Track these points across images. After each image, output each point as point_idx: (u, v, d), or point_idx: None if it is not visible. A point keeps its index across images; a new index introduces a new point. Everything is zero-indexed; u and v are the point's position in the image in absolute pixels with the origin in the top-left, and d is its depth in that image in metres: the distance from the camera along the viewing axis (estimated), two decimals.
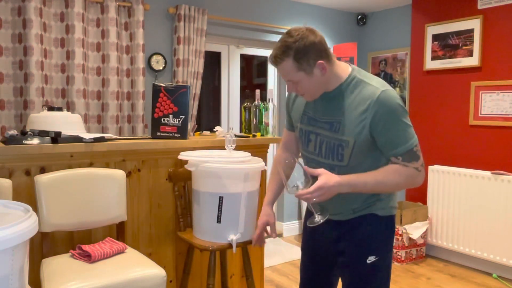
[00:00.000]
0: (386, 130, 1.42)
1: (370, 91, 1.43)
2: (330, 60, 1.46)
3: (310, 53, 1.40)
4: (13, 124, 2.98)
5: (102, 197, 2.07)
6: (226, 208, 1.99)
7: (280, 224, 4.58)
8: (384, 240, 1.58)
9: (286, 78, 1.48)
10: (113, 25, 3.24)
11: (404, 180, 1.45)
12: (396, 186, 1.47)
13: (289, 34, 1.42)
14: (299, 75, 1.44)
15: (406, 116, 1.45)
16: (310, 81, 1.45)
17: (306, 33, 1.41)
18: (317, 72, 1.44)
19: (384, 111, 1.41)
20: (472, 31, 3.67)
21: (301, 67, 1.42)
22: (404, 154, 1.44)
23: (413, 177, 1.46)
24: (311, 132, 1.58)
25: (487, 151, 3.62)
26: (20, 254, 1.13)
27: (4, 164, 1.97)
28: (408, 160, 1.44)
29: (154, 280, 1.79)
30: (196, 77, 3.68)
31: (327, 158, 1.54)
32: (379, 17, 4.76)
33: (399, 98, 1.44)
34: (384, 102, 1.41)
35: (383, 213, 1.57)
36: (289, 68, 1.43)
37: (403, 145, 1.43)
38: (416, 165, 1.45)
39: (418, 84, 4.12)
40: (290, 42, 1.40)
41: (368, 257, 1.54)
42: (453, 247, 3.70)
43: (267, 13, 4.23)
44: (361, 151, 1.48)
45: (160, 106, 2.41)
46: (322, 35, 1.46)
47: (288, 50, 1.40)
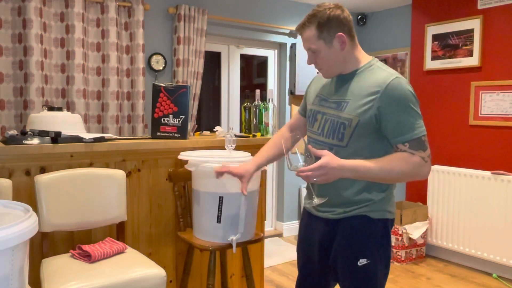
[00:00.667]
0: (396, 115, 1.43)
1: (383, 76, 1.46)
2: (352, 38, 1.52)
3: (332, 23, 1.47)
4: (13, 124, 2.98)
5: (102, 197, 2.07)
6: (226, 208, 1.99)
7: (280, 224, 4.58)
8: (377, 243, 1.53)
9: (307, 46, 1.52)
10: (113, 25, 3.24)
11: (410, 169, 1.43)
12: (401, 175, 1.44)
13: (319, 5, 1.50)
14: (318, 44, 1.49)
15: (417, 105, 1.46)
16: (328, 53, 1.49)
17: (334, 6, 1.50)
18: (336, 45, 1.48)
19: (395, 96, 1.42)
20: (472, 31, 3.67)
21: (321, 35, 1.47)
22: (411, 141, 1.43)
23: (420, 166, 1.43)
24: (318, 112, 1.60)
25: (487, 151, 3.62)
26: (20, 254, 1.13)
27: (4, 164, 1.97)
28: (415, 148, 1.43)
29: (154, 280, 1.79)
30: (196, 77, 3.68)
31: (327, 137, 1.54)
32: (379, 17, 4.76)
33: (412, 88, 1.46)
34: (396, 87, 1.43)
35: (376, 216, 1.53)
36: (310, 35, 1.49)
37: (411, 131, 1.43)
38: (423, 154, 1.44)
39: (418, 84, 4.12)
40: (317, 10, 1.49)
41: (359, 259, 1.51)
42: (453, 247, 3.70)
43: (267, 13, 4.23)
44: (362, 134, 1.47)
45: (160, 106, 2.41)
46: (350, 15, 1.52)
47: (313, 18, 1.48)
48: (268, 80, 4.54)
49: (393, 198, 1.60)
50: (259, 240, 2.15)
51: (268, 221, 4.63)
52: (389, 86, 1.43)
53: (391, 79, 1.44)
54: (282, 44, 4.45)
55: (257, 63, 4.57)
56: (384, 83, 1.44)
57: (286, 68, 4.45)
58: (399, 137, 1.44)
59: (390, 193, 1.58)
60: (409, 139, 1.43)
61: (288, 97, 4.49)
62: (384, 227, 1.55)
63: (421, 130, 1.45)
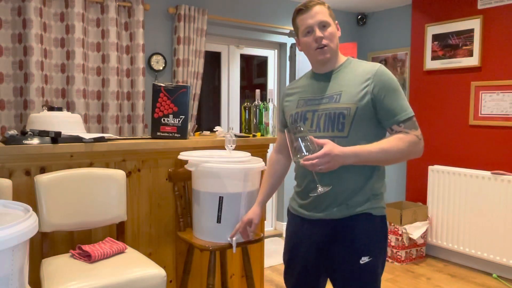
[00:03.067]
0: (389, 97, 1.51)
1: (370, 65, 1.56)
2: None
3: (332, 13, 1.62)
4: (13, 124, 2.98)
5: (102, 197, 2.07)
6: (226, 208, 1.99)
7: (280, 224, 4.58)
8: (378, 240, 1.56)
9: (320, 18, 1.56)
10: (113, 25, 3.24)
11: (407, 147, 1.49)
12: (400, 153, 1.49)
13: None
14: (329, 20, 1.58)
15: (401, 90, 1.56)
16: (334, 30, 1.58)
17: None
18: (334, 29, 1.59)
19: (386, 80, 1.52)
20: (472, 31, 3.67)
21: (331, 15, 1.60)
22: (405, 120, 1.51)
23: (415, 143, 1.51)
24: (307, 111, 1.61)
25: (487, 151, 3.62)
26: (20, 254, 1.13)
27: (4, 164, 1.97)
28: (409, 127, 1.51)
29: (154, 280, 1.79)
30: (196, 77, 3.68)
31: (326, 131, 1.54)
32: (379, 17, 4.76)
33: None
34: (385, 72, 1.53)
35: (377, 213, 1.56)
36: (323, 10, 1.58)
37: (404, 111, 1.51)
38: (417, 133, 1.52)
39: (418, 84, 4.12)
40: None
41: (361, 257, 1.52)
42: (453, 247, 3.70)
43: (267, 13, 4.23)
44: (362, 120, 1.51)
45: (160, 106, 2.41)
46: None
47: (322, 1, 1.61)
48: (268, 80, 4.54)
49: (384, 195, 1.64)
50: (259, 240, 2.15)
51: (268, 221, 4.63)
52: (379, 72, 1.53)
53: (378, 66, 1.55)
54: (282, 44, 4.45)
55: (257, 63, 4.57)
56: (373, 69, 1.53)
57: (286, 68, 4.45)
58: (394, 117, 1.51)
59: (384, 189, 1.62)
60: (404, 119, 1.51)
61: None
62: (382, 223, 1.58)
63: (411, 111, 1.54)
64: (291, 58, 4.42)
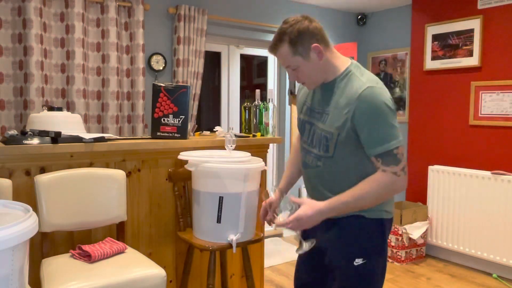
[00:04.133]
0: (367, 127, 1.40)
1: (357, 86, 1.43)
2: (327, 46, 1.49)
3: (305, 36, 1.43)
4: (13, 124, 2.98)
5: (102, 197, 2.07)
6: (226, 208, 1.99)
7: None
8: (373, 243, 1.54)
9: (285, 64, 1.50)
10: (113, 25, 3.24)
11: (382, 189, 1.41)
12: (377, 197, 1.42)
13: (285, 21, 1.48)
14: (296, 60, 1.46)
15: (392, 116, 1.41)
16: (308, 67, 1.48)
17: (300, 19, 1.46)
18: (314, 56, 1.46)
19: (366, 107, 1.39)
20: (472, 31, 3.67)
21: (296, 51, 1.45)
22: (383, 154, 1.40)
23: (392, 183, 1.41)
24: (307, 121, 1.60)
25: (487, 151, 3.62)
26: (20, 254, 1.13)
27: (4, 164, 1.97)
28: (386, 163, 1.40)
29: (154, 280, 1.79)
30: (196, 77, 3.68)
31: (316, 148, 1.55)
32: (379, 17, 4.76)
33: (387, 97, 1.41)
34: (367, 98, 1.39)
35: (371, 215, 1.52)
36: (285, 53, 1.46)
37: (382, 145, 1.39)
38: (395, 169, 1.40)
39: (418, 84, 4.12)
40: (284, 28, 1.45)
41: (355, 259, 1.51)
42: (453, 247, 3.70)
43: (267, 13, 4.23)
44: (345, 145, 1.47)
45: (160, 106, 2.41)
46: (319, 23, 1.49)
47: (283, 35, 1.44)
48: (268, 80, 4.54)
49: (391, 198, 1.58)
50: (259, 240, 2.15)
51: None
52: (360, 98, 1.40)
53: (362, 89, 1.40)
54: None
55: (257, 63, 4.57)
56: (356, 94, 1.41)
57: None
58: (370, 150, 1.42)
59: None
60: (380, 153, 1.40)
61: (288, 97, 4.49)
62: (380, 227, 1.54)
63: (393, 143, 1.39)
64: None
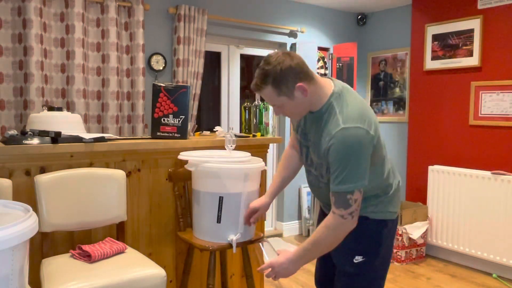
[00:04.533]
0: (334, 165, 1.43)
1: (333, 125, 1.44)
2: (311, 81, 1.48)
3: (288, 77, 1.43)
4: (13, 124, 2.98)
5: (102, 197, 2.07)
6: (226, 208, 1.99)
7: (280, 224, 4.58)
8: (374, 242, 1.58)
9: (270, 103, 1.52)
10: (113, 25, 3.24)
11: (332, 232, 1.46)
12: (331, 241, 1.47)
13: (267, 61, 1.46)
14: (281, 100, 1.48)
15: (362, 156, 1.41)
16: (293, 104, 1.49)
17: (282, 57, 1.44)
18: (299, 94, 1.46)
19: (336, 148, 1.41)
20: (472, 31, 3.67)
21: (281, 92, 1.45)
22: (336, 194, 1.43)
23: (339, 226, 1.44)
24: (303, 144, 1.64)
25: (487, 151, 3.62)
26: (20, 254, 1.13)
27: (4, 164, 1.97)
28: (337, 204, 1.43)
29: (154, 280, 1.79)
30: (196, 77, 3.68)
31: (313, 170, 1.61)
32: (379, 17, 4.76)
33: (361, 136, 1.40)
34: (339, 140, 1.40)
35: (374, 216, 1.57)
36: (270, 94, 1.47)
37: (339, 185, 1.42)
38: (343, 212, 1.43)
39: (418, 84, 4.12)
40: (267, 69, 1.44)
41: (355, 256, 1.56)
42: (453, 247, 3.70)
43: (267, 13, 4.23)
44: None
45: (160, 106, 2.41)
46: (300, 57, 1.47)
47: (266, 77, 1.44)
48: None
49: (396, 198, 1.63)
50: (259, 240, 2.15)
51: (268, 221, 4.63)
52: (333, 138, 1.42)
53: (336, 130, 1.42)
54: (282, 44, 4.45)
55: (257, 63, 4.57)
56: (331, 134, 1.43)
57: None
58: (331, 185, 1.45)
59: (392, 196, 1.60)
60: (334, 191, 1.44)
61: None
62: (383, 227, 1.58)
63: (349, 187, 1.41)
64: None
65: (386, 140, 4.72)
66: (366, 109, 1.48)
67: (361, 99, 1.53)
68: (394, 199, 1.61)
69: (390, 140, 4.69)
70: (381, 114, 4.76)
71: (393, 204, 1.60)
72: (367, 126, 1.42)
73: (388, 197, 1.59)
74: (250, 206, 1.92)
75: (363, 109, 1.46)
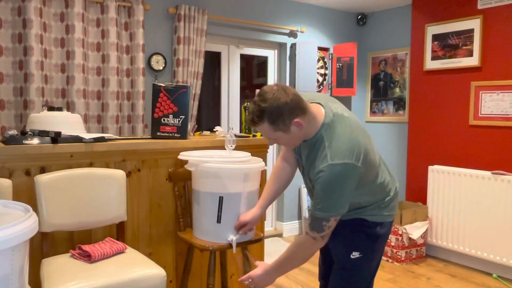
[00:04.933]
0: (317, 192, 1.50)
1: (321, 160, 1.49)
2: (306, 113, 1.50)
3: (285, 114, 1.46)
4: (13, 124, 2.98)
5: (102, 197, 2.07)
6: (226, 208, 1.99)
7: (280, 224, 4.58)
8: (370, 239, 1.67)
9: (265, 136, 1.56)
10: (113, 25, 3.24)
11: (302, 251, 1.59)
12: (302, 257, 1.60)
13: (262, 98, 1.47)
14: (277, 134, 1.52)
15: (344, 188, 1.47)
16: (288, 138, 1.53)
17: (278, 94, 1.45)
18: (294, 129, 1.50)
19: (321, 181, 1.47)
20: (472, 31, 3.67)
21: (277, 128, 1.49)
22: (313, 217, 1.52)
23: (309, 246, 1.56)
24: (301, 164, 1.69)
25: (487, 151, 3.62)
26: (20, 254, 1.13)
27: (4, 164, 1.97)
28: (312, 226, 1.53)
29: (154, 280, 1.79)
30: (196, 77, 3.68)
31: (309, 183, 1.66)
32: (379, 17, 4.76)
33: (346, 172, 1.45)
34: (324, 174, 1.46)
35: (372, 219, 1.66)
36: (266, 130, 1.51)
37: (317, 211, 1.50)
38: (316, 235, 1.54)
39: (418, 84, 4.12)
40: (264, 106, 1.46)
41: (352, 252, 1.66)
42: (453, 247, 3.70)
43: (267, 13, 4.23)
44: None
45: (160, 106, 2.41)
46: (294, 91, 1.49)
47: (263, 114, 1.47)
48: (268, 80, 4.54)
49: (393, 203, 1.71)
50: (259, 240, 2.15)
51: (268, 221, 4.63)
52: (320, 174, 1.47)
53: (323, 165, 1.46)
54: (282, 44, 4.45)
55: (257, 63, 4.57)
56: (319, 167, 1.48)
57: (286, 68, 4.45)
58: (311, 207, 1.55)
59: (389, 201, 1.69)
60: (311, 214, 1.53)
61: None
62: (380, 228, 1.68)
63: (327, 215, 1.49)
64: (291, 58, 4.42)
65: (386, 140, 4.72)
66: (355, 138, 1.50)
67: (350, 124, 1.55)
68: (391, 204, 1.70)
69: (390, 140, 4.69)
70: (381, 114, 4.76)
71: (389, 208, 1.69)
72: (354, 159, 1.47)
73: (385, 203, 1.68)
74: (240, 219, 1.96)
75: (351, 140, 1.49)
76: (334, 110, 1.56)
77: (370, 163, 1.55)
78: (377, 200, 1.65)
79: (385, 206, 1.67)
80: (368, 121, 4.91)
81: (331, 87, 4.70)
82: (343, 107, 1.64)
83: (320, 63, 4.61)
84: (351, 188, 1.49)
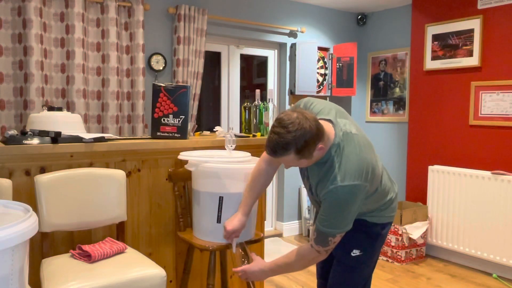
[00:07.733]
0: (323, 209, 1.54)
1: (331, 181, 1.50)
2: (324, 136, 1.49)
3: (310, 143, 1.44)
4: (13, 124, 2.98)
5: (102, 197, 2.07)
6: (226, 208, 1.99)
7: (280, 224, 4.58)
8: (371, 240, 1.73)
9: (288, 165, 1.55)
10: (113, 25, 3.24)
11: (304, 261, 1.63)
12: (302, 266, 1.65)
13: (285, 128, 1.42)
14: (300, 162, 1.51)
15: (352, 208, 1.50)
16: (308, 162, 1.53)
17: (301, 123, 1.41)
18: (317, 153, 1.50)
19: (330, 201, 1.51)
20: (472, 31, 3.67)
21: (303, 156, 1.47)
22: (319, 233, 1.56)
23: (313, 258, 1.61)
24: (304, 176, 1.71)
25: (487, 151, 3.62)
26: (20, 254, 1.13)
27: (4, 164, 1.97)
28: (317, 241, 1.57)
29: (154, 280, 1.79)
30: (196, 77, 3.68)
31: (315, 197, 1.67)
32: (379, 17, 4.76)
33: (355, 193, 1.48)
34: (334, 195, 1.49)
35: (372, 220, 1.71)
36: (290, 159, 1.49)
37: (323, 227, 1.54)
38: (320, 249, 1.58)
39: (418, 84, 4.12)
40: (289, 139, 1.41)
41: (353, 250, 1.70)
42: (453, 247, 3.70)
43: (267, 13, 4.23)
44: None
45: (160, 106, 2.41)
46: (313, 116, 1.46)
47: (289, 146, 1.42)
48: (268, 80, 4.54)
49: (393, 206, 1.76)
50: (259, 240, 2.15)
51: (268, 221, 4.63)
52: (329, 194, 1.50)
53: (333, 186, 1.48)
54: (282, 44, 4.45)
55: (257, 63, 4.57)
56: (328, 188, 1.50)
57: (286, 68, 4.45)
58: (317, 222, 1.57)
59: (389, 204, 1.74)
60: (318, 230, 1.56)
61: (288, 97, 4.49)
62: (380, 229, 1.74)
63: (333, 231, 1.53)
64: (291, 58, 4.42)
65: (386, 140, 4.72)
66: (364, 158, 1.51)
67: (359, 143, 1.54)
68: (391, 207, 1.75)
69: (390, 140, 4.69)
70: (381, 114, 4.76)
71: (389, 210, 1.74)
72: (363, 179, 1.49)
73: (385, 206, 1.73)
74: (227, 228, 1.87)
75: (360, 160, 1.50)
76: (343, 128, 1.55)
77: (376, 177, 1.59)
78: (379, 206, 1.70)
79: (385, 208, 1.72)
80: (368, 121, 4.91)
81: (331, 87, 4.70)
82: (351, 120, 1.63)
83: (320, 63, 4.61)
84: (358, 206, 1.54)
